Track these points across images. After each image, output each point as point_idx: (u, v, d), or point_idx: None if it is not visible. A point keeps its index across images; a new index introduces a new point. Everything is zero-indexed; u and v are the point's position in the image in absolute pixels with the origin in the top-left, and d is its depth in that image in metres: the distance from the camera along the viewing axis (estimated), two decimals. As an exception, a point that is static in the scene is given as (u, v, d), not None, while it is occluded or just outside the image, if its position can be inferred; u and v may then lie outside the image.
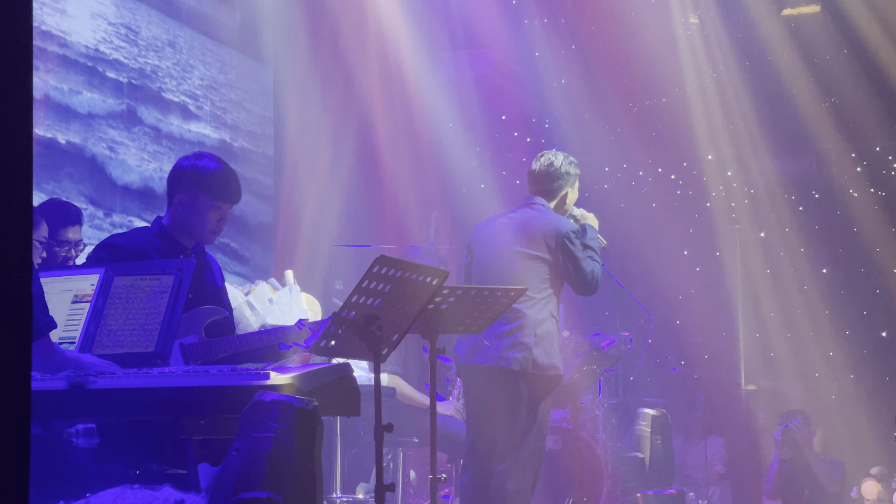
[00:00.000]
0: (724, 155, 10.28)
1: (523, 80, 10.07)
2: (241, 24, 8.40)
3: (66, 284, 3.72)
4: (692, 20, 9.86)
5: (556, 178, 5.55)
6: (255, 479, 2.99)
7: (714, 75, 9.93)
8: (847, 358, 10.09)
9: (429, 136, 9.45)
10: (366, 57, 9.11)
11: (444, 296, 4.22)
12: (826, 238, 10.23)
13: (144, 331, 3.58)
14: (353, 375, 3.45)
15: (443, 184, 9.49)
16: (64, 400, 3.26)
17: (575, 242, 5.41)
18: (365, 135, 9.12)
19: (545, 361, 5.33)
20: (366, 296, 3.60)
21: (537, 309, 5.35)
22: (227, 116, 8.18)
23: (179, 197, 4.10)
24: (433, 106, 9.37)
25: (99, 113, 6.89)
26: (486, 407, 5.39)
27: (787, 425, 8.41)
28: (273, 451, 3.02)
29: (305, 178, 8.73)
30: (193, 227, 4.09)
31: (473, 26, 9.49)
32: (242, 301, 5.44)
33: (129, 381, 3.29)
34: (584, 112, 10.12)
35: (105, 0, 6.98)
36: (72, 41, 6.67)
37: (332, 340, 3.67)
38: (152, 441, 3.42)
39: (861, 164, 10.16)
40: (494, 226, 5.58)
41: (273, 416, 3.04)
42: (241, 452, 3.01)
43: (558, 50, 9.97)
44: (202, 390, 3.24)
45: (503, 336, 5.32)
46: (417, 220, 9.03)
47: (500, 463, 5.30)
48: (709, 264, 10.30)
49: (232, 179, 4.13)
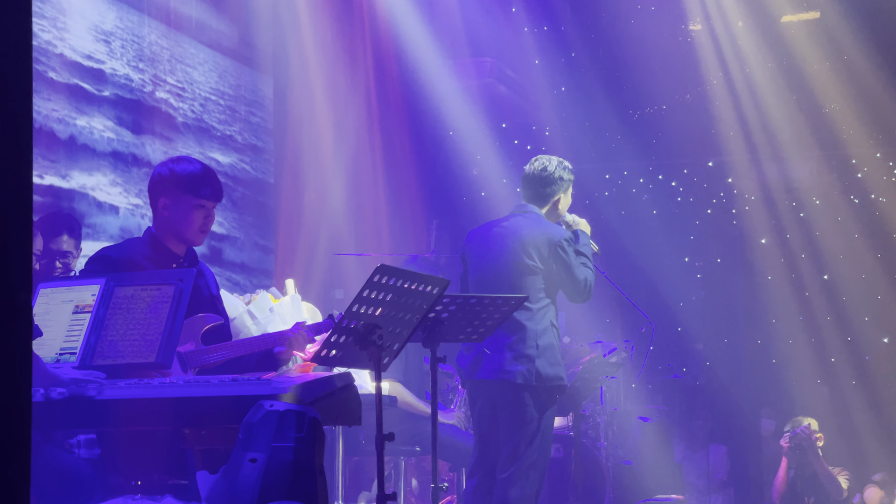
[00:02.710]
0: (724, 162, 10.28)
1: (523, 88, 10.07)
2: (241, 34, 8.41)
3: (67, 295, 3.71)
4: (693, 27, 9.86)
5: (548, 182, 5.50)
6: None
7: (714, 82, 9.94)
8: (849, 364, 10.08)
9: (429, 144, 9.46)
10: (366, 66, 9.12)
11: (445, 304, 4.22)
12: (827, 244, 10.23)
13: (145, 341, 3.58)
14: (355, 385, 3.45)
15: (443, 192, 9.50)
16: (64, 411, 3.26)
17: (567, 250, 5.36)
18: (365, 143, 9.12)
19: (549, 373, 5.30)
20: (366, 305, 3.59)
21: (536, 320, 5.32)
22: (226, 126, 8.19)
23: (162, 201, 4.10)
24: (433, 114, 9.38)
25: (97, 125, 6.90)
26: (492, 419, 5.40)
27: (795, 432, 8.41)
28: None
29: (305, 186, 8.73)
30: (180, 229, 4.09)
31: (473, 35, 9.50)
32: (243, 310, 5.44)
33: (131, 392, 3.28)
34: (584, 120, 10.13)
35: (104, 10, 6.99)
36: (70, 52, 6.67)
37: (333, 350, 3.66)
38: (153, 451, 3.42)
39: (862, 171, 10.16)
40: (488, 235, 5.53)
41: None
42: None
43: (558, 58, 9.98)
44: (203, 400, 3.23)
45: (505, 349, 5.29)
46: (418, 228, 9.03)
47: (503, 471, 5.30)
48: (710, 271, 10.30)
49: (212, 177, 4.12)
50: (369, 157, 9.13)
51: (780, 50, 9.72)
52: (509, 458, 5.30)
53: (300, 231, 8.60)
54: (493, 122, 10.03)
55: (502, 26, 9.68)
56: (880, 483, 8.60)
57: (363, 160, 9.12)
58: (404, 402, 6.34)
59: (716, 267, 10.23)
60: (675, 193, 10.53)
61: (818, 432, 8.50)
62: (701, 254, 10.34)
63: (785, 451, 8.47)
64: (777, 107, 9.87)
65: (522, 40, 9.88)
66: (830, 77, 9.67)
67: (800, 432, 8.38)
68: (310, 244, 8.55)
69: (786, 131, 9.97)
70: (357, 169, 9.09)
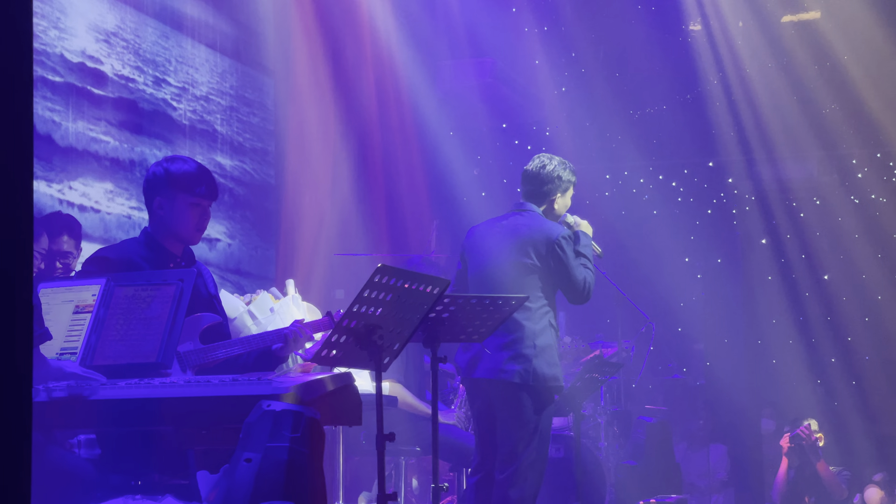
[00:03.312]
0: (724, 162, 10.29)
1: (524, 88, 10.07)
2: (242, 35, 8.41)
3: (68, 295, 3.72)
4: (693, 27, 9.86)
5: (546, 181, 5.45)
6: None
7: (714, 82, 9.94)
8: (849, 365, 10.08)
9: (429, 144, 9.46)
10: (366, 66, 9.12)
11: (445, 304, 4.21)
12: (827, 244, 10.23)
13: (146, 341, 3.58)
14: (355, 385, 3.45)
15: (444, 192, 9.49)
16: (65, 410, 3.26)
17: (566, 249, 5.30)
18: (366, 144, 9.12)
19: (546, 373, 5.27)
20: (367, 305, 3.59)
21: (535, 320, 5.28)
22: (227, 126, 8.19)
23: (158, 200, 4.10)
24: (434, 114, 9.38)
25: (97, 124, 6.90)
26: (490, 418, 5.39)
27: (795, 432, 8.41)
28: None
29: (306, 186, 8.73)
30: (177, 227, 4.09)
31: (474, 35, 9.50)
32: (244, 311, 5.45)
33: (131, 392, 3.29)
34: (584, 120, 10.13)
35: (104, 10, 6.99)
36: (70, 52, 6.67)
37: (334, 350, 3.66)
38: (154, 451, 3.42)
39: (862, 171, 10.16)
40: (487, 234, 5.49)
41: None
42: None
43: (558, 58, 9.98)
44: (204, 400, 3.24)
45: (503, 348, 5.26)
46: (418, 228, 9.03)
47: (501, 472, 5.30)
48: (710, 271, 10.29)
49: (207, 175, 4.13)
50: (370, 157, 9.13)
51: (780, 50, 9.72)
52: (507, 458, 5.28)
53: (301, 231, 8.60)
54: (493, 122, 10.03)
55: (503, 26, 9.68)
56: (881, 483, 8.60)
57: (364, 160, 9.12)
58: (404, 403, 6.35)
59: (716, 267, 10.23)
60: (676, 194, 10.53)
61: (818, 432, 8.50)
62: (701, 254, 10.34)
63: (785, 451, 8.47)
64: (777, 107, 9.88)
65: (523, 40, 9.88)
66: (830, 77, 9.67)
67: (800, 432, 8.39)
68: (310, 244, 8.55)
69: (786, 132, 9.97)
70: (357, 169, 9.09)
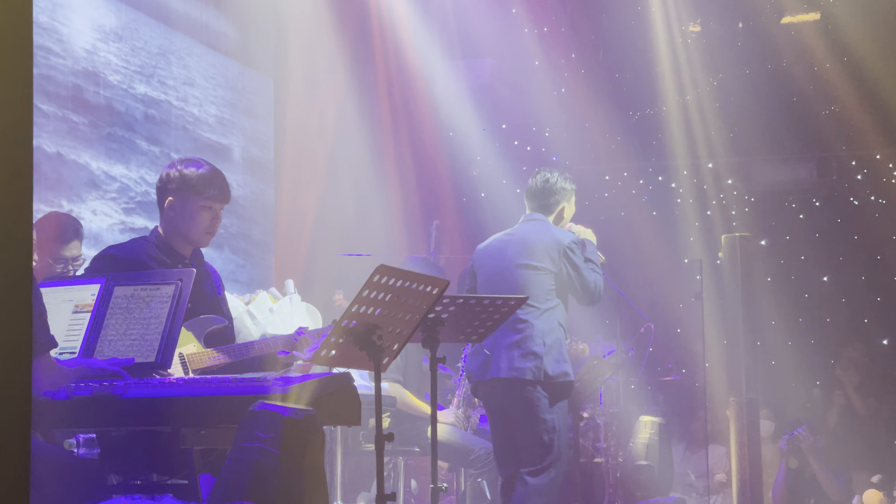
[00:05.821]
0: (724, 163, 10.28)
1: (523, 88, 10.07)
2: (242, 35, 8.41)
3: (67, 294, 3.72)
4: (692, 28, 9.86)
5: (552, 193, 5.73)
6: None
7: (714, 83, 9.94)
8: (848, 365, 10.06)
9: (429, 145, 9.46)
10: (366, 67, 9.12)
11: (445, 305, 4.23)
12: (827, 246, 10.22)
13: (145, 341, 3.59)
14: (354, 385, 3.45)
15: (443, 193, 9.49)
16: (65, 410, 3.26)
17: (576, 252, 5.56)
18: (365, 144, 9.12)
19: (556, 370, 5.46)
20: (366, 305, 3.59)
21: (544, 319, 5.48)
22: (227, 126, 8.19)
23: (170, 202, 4.12)
24: (433, 115, 9.38)
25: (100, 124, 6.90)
26: (506, 420, 5.54)
27: (793, 434, 8.41)
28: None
29: (305, 187, 8.73)
30: (187, 229, 4.11)
31: (473, 36, 9.50)
32: (243, 311, 5.45)
33: (130, 391, 3.29)
34: (584, 121, 10.12)
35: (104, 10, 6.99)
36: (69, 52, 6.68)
37: (333, 350, 3.66)
38: (153, 451, 3.42)
39: (861, 172, 10.16)
40: (495, 244, 5.73)
41: (260, 426, 3.04)
42: (231, 463, 3.01)
43: (558, 59, 9.97)
44: (203, 400, 3.24)
45: (513, 347, 5.45)
46: (418, 228, 9.03)
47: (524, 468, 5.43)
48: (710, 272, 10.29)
49: (220, 178, 4.15)
50: (370, 157, 9.13)
51: (780, 51, 9.72)
52: (528, 455, 5.45)
53: (300, 231, 8.60)
54: (493, 122, 10.03)
55: (502, 27, 9.68)
56: (879, 485, 8.60)
57: (363, 160, 9.12)
58: (403, 403, 6.35)
59: (715, 268, 10.22)
60: (675, 195, 10.53)
61: (816, 434, 8.50)
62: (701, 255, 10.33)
63: (783, 453, 8.46)
64: (777, 108, 9.87)
65: (522, 41, 9.87)
66: (830, 78, 9.67)
67: (797, 434, 8.38)
68: (310, 244, 8.56)
69: (786, 132, 9.97)
70: (357, 169, 9.09)
